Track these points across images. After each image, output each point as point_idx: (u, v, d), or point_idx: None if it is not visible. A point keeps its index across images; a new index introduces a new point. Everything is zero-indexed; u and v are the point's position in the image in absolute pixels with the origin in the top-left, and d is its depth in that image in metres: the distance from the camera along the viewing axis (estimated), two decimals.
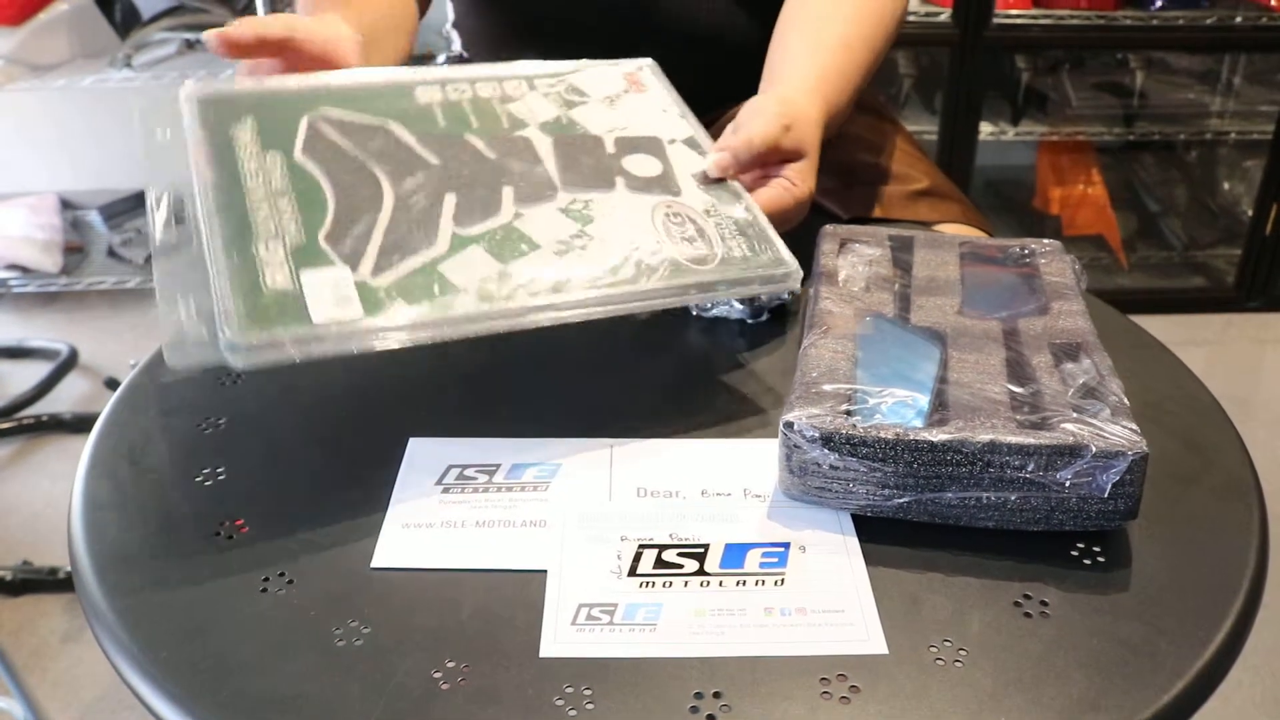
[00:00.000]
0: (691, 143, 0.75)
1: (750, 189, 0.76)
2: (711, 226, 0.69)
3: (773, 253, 0.69)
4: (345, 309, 0.58)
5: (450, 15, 1.18)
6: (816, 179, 0.80)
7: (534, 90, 0.75)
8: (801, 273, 0.69)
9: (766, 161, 0.77)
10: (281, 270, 0.59)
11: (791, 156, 0.78)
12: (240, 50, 0.72)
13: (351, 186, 0.65)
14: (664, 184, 0.71)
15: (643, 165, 0.72)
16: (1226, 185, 2.56)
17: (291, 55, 0.73)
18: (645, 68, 0.81)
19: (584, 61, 0.79)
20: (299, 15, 0.78)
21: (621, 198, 0.69)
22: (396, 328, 0.59)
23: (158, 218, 0.66)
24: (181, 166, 0.64)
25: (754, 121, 0.76)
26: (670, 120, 0.77)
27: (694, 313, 0.80)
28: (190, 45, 2.18)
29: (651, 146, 0.74)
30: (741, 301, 0.78)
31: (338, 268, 0.60)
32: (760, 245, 0.69)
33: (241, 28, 0.71)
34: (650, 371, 0.74)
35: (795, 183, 0.77)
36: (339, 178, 0.65)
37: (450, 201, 0.66)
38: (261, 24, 0.72)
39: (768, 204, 0.75)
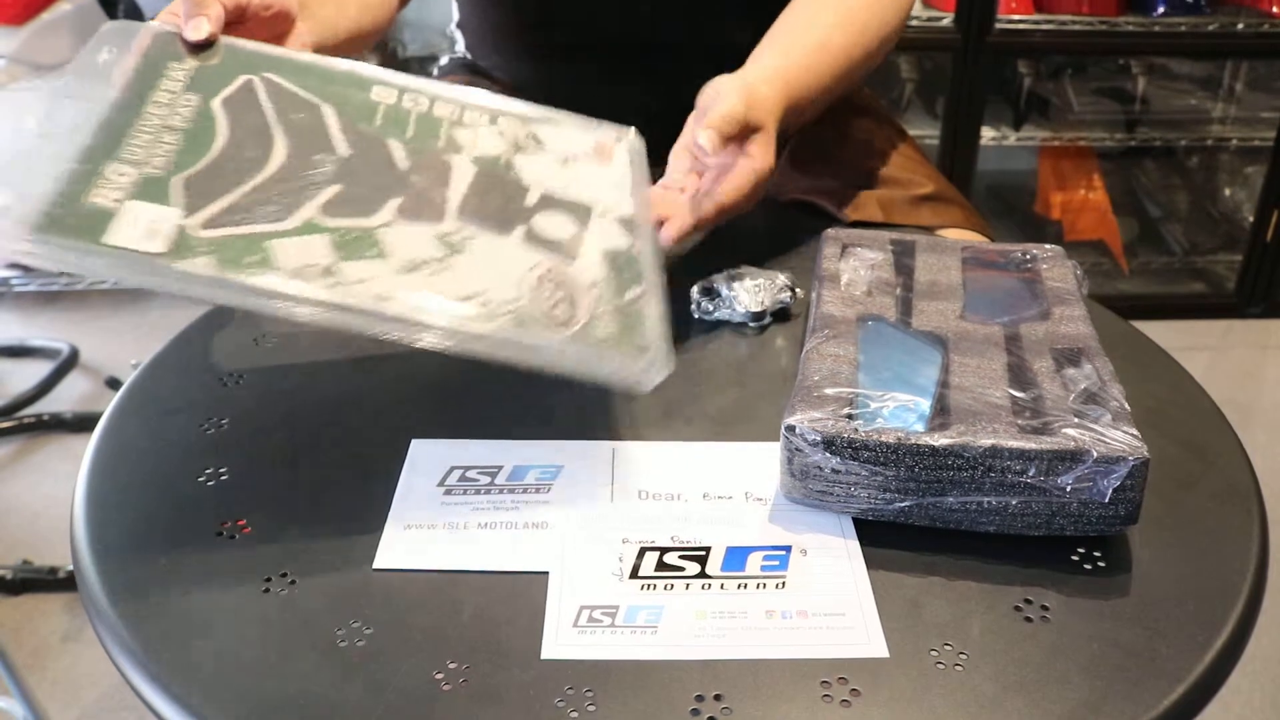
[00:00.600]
0: (627, 222, 0.70)
1: (718, 176, 0.78)
2: (587, 302, 0.63)
3: (642, 344, 0.62)
4: (147, 243, 0.57)
5: (455, 15, 1.18)
6: (776, 156, 0.82)
7: (492, 125, 0.73)
8: (665, 370, 0.62)
9: (736, 139, 0.79)
10: (114, 193, 0.59)
11: (751, 130, 0.80)
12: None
13: (244, 145, 0.65)
14: (562, 249, 0.66)
15: (554, 225, 0.68)
16: (1227, 191, 2.56)
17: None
18: (624, 139, 0.77)
19: (565, 114, 0.76)
20: None
21: (508, 246, 0.65)
22: (181, 275, 0.57)
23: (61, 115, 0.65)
24: (100, 84, 0.65)
25: (716, 106, 0.78)
26: (617, 195, 0.72)
27: (695, 315, 0.80)
28: None
29: (576, 212, 0.69)
30: (744, 305, 0.79)
31: (170, 208, 0.60)
32: (632, 334, 0.63)
33: (211, 21, 0.70)
34: None
35: (753, 155, 0.79)
36: (238, 134, 0.65)
37: (330, 190, 0.64)
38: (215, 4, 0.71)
39: (732, 190, 0.78)
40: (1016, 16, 2.17)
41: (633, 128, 0.77)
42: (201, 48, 0.70)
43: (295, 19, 0.78)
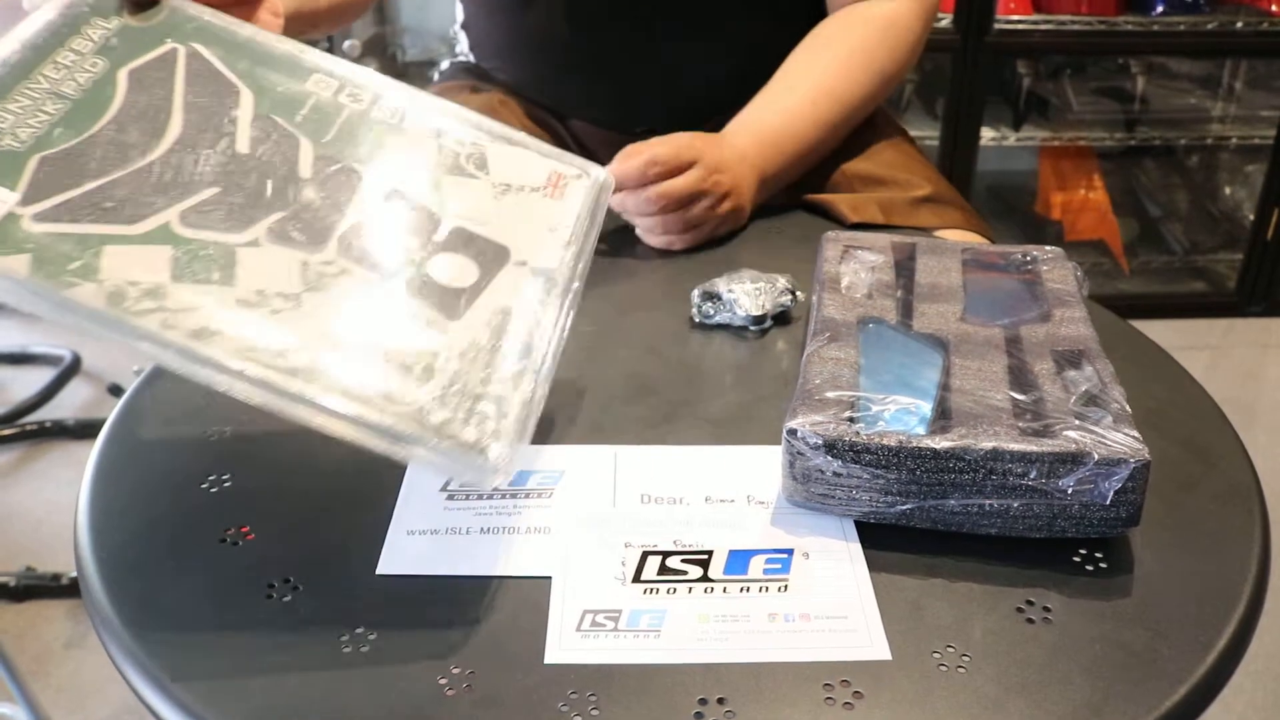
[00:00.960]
0: (547, 276, 0.61)
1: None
2: (445, 373, 0.54)
3: (480, 440, 0.53)
4: None
5: (460, 15, 1.18)
6: (748, 199, 0.91)
7: (435, 138, 0.65)
8: (502, 476, 0.53)
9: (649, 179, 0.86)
10: None
11: (685, 164, 0.87)
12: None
13: (129, 125, 0.58)
14: (448, 303, 0.57)
15: (452, 270, 0.59)
16: (1228, 190, 2.56)
17: None
18: (587, 177, 0.68)
19: (529, 139, 0.68)
20: None
21: (384, 290, 0.57)
22: None
23: None
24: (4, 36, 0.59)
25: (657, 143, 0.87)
26: (548, 241, 0.63)
27: (696, 319, 0.80)
28: None
29: (489, 257, 0.60)
30: (744, 309, 0.79)
31: (7, 191, 0.53)
32: (475, 425, 0.53)
33: None
34: (653, 378, 0.74)
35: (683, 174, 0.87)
36: (131, 111, 0.59)
37: (205, 193, 0.57)
38: None
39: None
40: (1015, 17, 2.17)
41: (605, 168, 0.69)
42: (137, 4, 0.64)
43: None
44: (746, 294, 0.79)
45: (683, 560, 0.58)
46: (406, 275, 0.58)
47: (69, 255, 0.52)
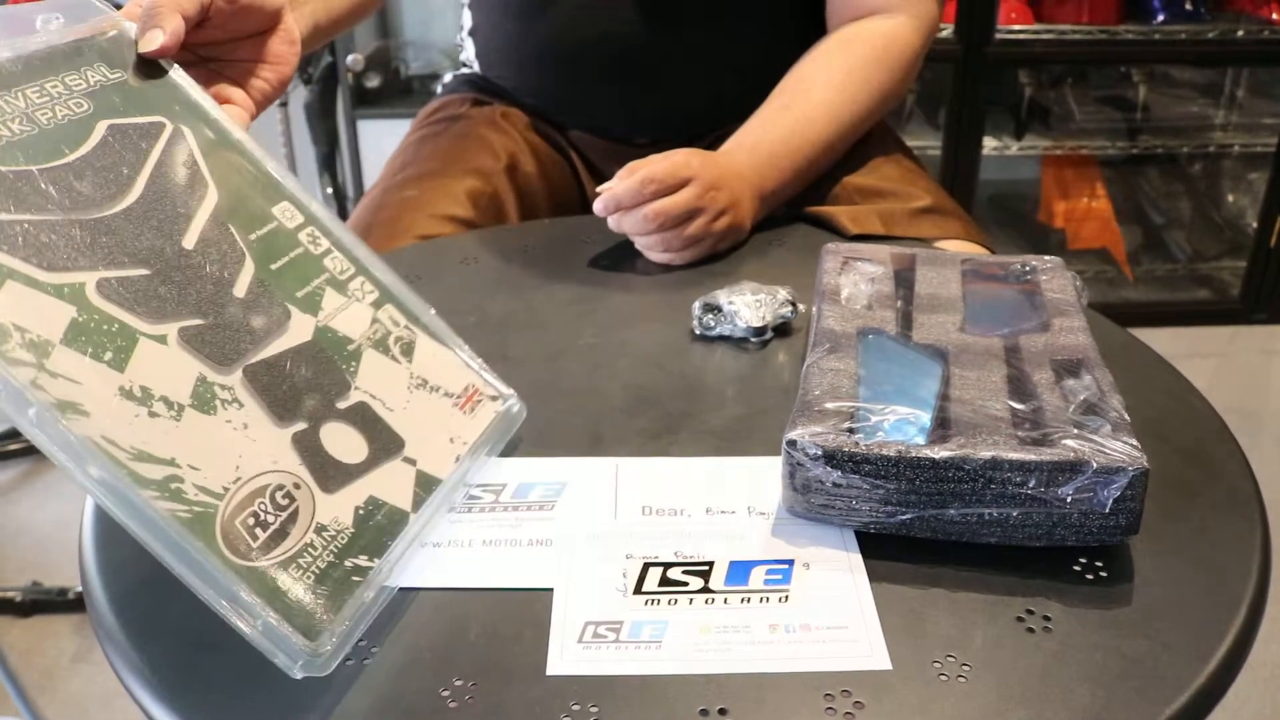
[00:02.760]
0: (426, 482, 0.60)
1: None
2: (297, 539, 0.53)
3: (309, 623, 0.51)
4: None
5: (467, 22, 1.18)
6: (736, 212, 0.91)
7: (375, 308, 0.64)
8: (316, 669, 0.50)
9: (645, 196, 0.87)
10: None
11: (675, 187, 0.88)
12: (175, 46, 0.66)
13: (88, 172, 0.56)
14: (324, 470, 0.56)
15: (344, 444, 0.58)
16: (1231, 198, 2.56)
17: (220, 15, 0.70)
18: (500, 401, 0.67)
19: (460, 347, 0.67)
20: None
21: (273, 438, 0.55)
22: None
23: None
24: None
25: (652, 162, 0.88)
26: (444, 453, 0.62)
27: (697, 331, 0.80)
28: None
29: (381, 444, 0.59)
30: (745, 320, 0.79)
31: None
32: (311, 604, 0.51)
33: (166, 34, 0.64)
34: (654, 390, 0.75)
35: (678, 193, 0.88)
36: (97, 161, 0.57)
37: (134, 271, 0.55)
38: (174, 15, 0.66)
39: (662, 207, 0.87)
40: (1016, 27, 2.17)
41: (522, 405, 0.68)
42: (147, 65, 0.63)
43: (279, 10, 0.74)
44: (747, 305, 0.80)
45: (684, 571, 0.58)
46: (296, 429, 0.56)
47: None
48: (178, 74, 0.65)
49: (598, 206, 0.88)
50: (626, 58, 1.05)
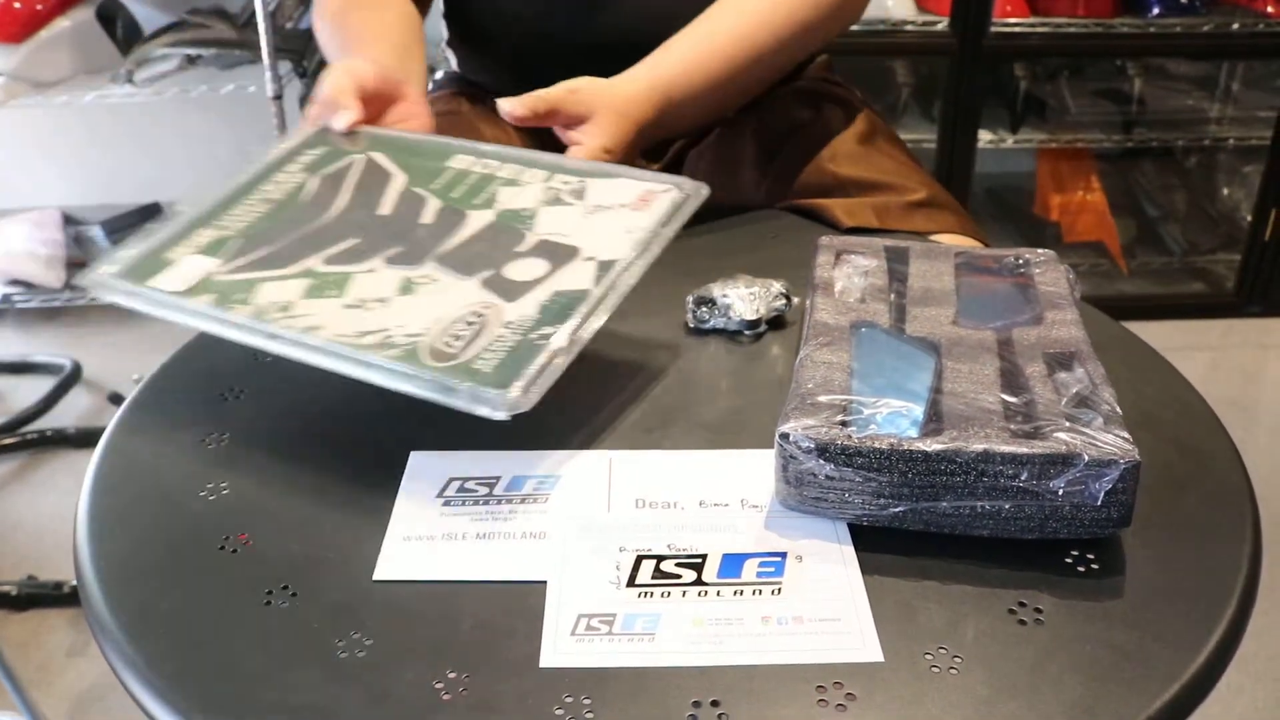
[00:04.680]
0: (604, 265, 0.70)
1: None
2: (489, 337, 0.65)
3: (505, 380, 0.62)
4: (172, 284, 0.72)
5: (445, 34, 1.18)
6: (623, 141, 0.88)
7: (545, 182, 0.78)
8: (518, 407, 0.61)
9: (550, 120, 0.88)
10: (185, 250, 0.74)
11: (575, 120, 0.88)
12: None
13: (307, 208, 0.78)
14: (509, 290, 0.69)
15: (525, 269, 0.71)
16: (1226, 191, 2.57)
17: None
18: (674, 190, 0.75)
19: (637, 171, 0.78)
20: (357, 69, 0.88)
21: (462, 288, 0.69)
22: (183, 309, 0.70)
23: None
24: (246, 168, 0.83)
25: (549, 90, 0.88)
26: (622, 240, 0.72)
27: (691, 325, 0.80)
28: (191, 60, 2.19)
29: (558, 256, 0.71)
30: (739, 314, 0.79)
31: (211, 258, 0.74)
32: (506, 371, 0.63)
33: (354, 112, 0.84)
34: (648, 383, 0.75)
35: (581, 141, 0.87)
36: (314, 198, 0.79)
37: (346, 243, 0.74)
38: (352, 98, 0.85)
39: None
40: (1012, 19, 2.17)
41: (702, 184, 0.75)
42: (341, 137, 0.84)
43: (406, 84, 0.90)
44: (741, 299, 0.80)
45: (677, 564, 0.59)
46: (483, 275, 0.70)
47: (237, 290, 0.71)
48: (366, 130, 0.85)
49: (502, 106, 0.88)
50: (609, 54, 1.04)
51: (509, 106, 0.87)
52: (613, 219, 0.74)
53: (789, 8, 0.96)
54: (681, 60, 0.94)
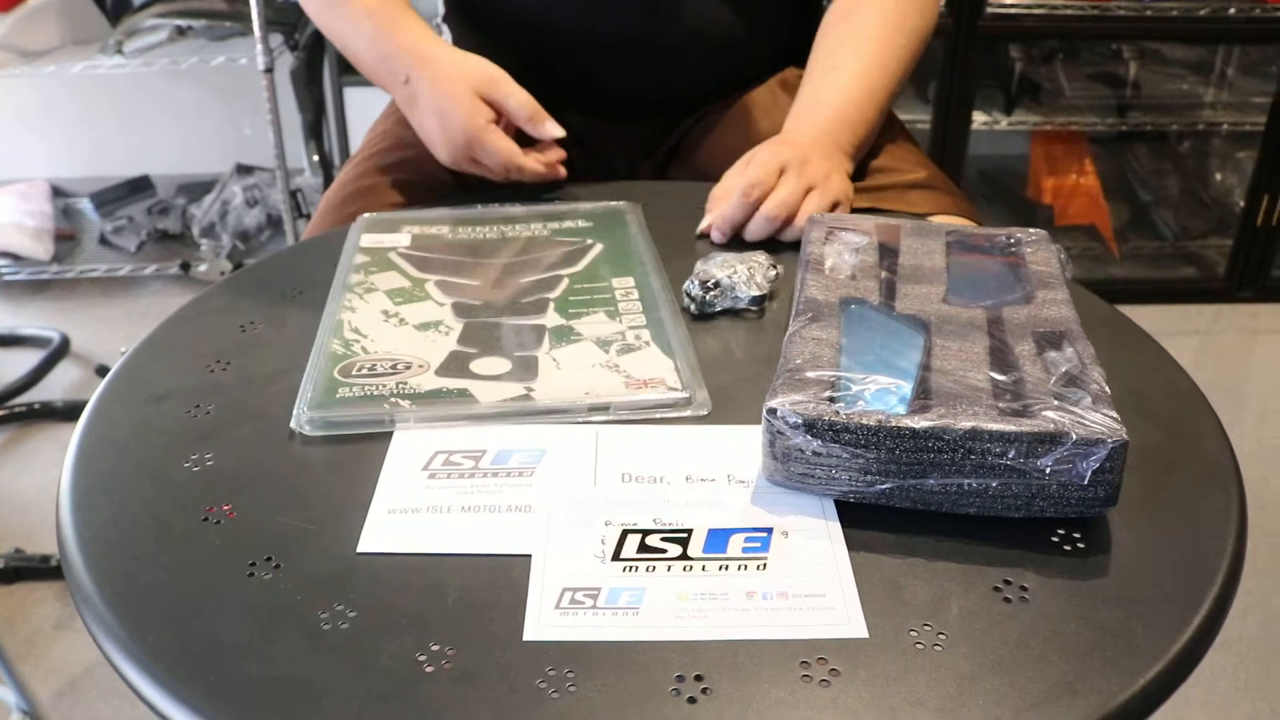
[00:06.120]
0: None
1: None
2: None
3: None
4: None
5: (440, 9, 1.17)
6: (828, 174, 0.89)
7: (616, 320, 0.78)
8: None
9: (753, 197, 0.87)
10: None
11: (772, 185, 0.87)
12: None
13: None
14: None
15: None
16: (1219, 176, 2.56)
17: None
18: (679, 395, 0.70)
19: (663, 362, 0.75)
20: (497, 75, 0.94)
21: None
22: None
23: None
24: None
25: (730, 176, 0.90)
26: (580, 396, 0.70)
27: (694, 311, 0.79)
28: (181, 32, 2.18)
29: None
30: (746, 291, 0.78)
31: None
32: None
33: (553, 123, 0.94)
34: None
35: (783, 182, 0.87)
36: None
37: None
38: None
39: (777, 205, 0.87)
40: (1008, 1, 2.16)
41: (697, 394, 0.70)
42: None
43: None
44: (742, 277, 0.79)
45: (662, 539, 0.58)
46: (462, 350, 0.74)
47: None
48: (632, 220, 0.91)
49: (716, 236, 0.88)
50: (612, 33, 1.04)
51: (713, 227, 0.88)
52: (600, 378, 0.71)
53: (904, 25, 1.00)
54: (843, 92, 0.96)
